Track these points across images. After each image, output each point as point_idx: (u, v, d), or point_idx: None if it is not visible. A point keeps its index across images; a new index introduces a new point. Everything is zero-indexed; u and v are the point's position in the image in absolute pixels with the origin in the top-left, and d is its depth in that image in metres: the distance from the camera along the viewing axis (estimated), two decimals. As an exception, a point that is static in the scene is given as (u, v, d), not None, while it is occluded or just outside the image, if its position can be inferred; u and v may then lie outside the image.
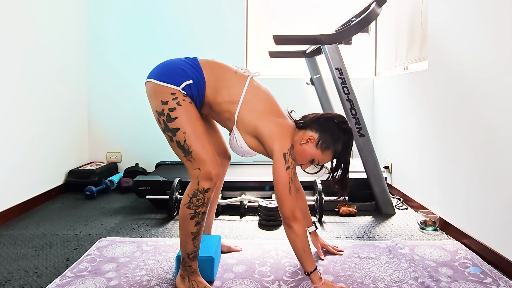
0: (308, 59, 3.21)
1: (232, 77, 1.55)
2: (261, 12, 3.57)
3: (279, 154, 1.44)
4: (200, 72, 1.51)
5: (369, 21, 2.32)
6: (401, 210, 2.58)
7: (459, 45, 2.02)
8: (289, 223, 1.44)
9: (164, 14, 3.45)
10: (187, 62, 1.54)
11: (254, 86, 1.56)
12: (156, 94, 1.49)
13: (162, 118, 1.47)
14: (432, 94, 2.32)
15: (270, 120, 1.49)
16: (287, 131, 1.49)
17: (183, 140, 1.45)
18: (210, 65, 1.55)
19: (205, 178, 1.44)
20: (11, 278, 1.64)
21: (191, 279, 1.51)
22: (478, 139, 1.87)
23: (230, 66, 1.60)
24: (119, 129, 3.51)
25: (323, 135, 1.50)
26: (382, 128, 3.25)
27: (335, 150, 1.51)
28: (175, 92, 1.47)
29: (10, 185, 2.43)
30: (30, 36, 2.62)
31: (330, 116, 1.56)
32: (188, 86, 1.48)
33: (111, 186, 3.08)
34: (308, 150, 1.51)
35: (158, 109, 1.48)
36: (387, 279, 1.61)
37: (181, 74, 1.49)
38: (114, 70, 3.48)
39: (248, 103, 1.50)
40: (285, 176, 1.43)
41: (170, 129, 1.46)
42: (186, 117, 1.45)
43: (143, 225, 2.29)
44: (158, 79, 1.50)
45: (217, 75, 1.53)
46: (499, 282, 1.58)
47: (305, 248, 1.45)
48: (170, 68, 1.52)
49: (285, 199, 1.43)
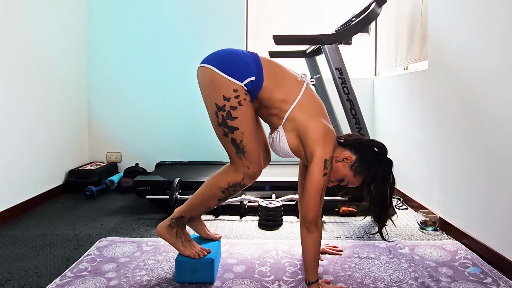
0: (308, 59, 3.21)
1: (290, 79, 1.55)
2: (261, 12, 3.57)
3: (320, 159, 1.41)
4: (260, 70, 1.50)
5: (369, 21, 2.32)
6: (401, 210, 2.58)
7: (459, 45, 2.02)
8: (310, 227, 1.42)
9: (164, 14, 3.45)
10: (250, 56, 1.52)
11: (310, 92, 1.56)
12: (217, 86, 1.45)
13: (221, 113, 1.46)
14: (432, 94, 2.32)
15: (321, 123, 1.48)
16: (332, 140, 1.48)
17: (240, 140, 1.47)
18: (270, 64, 1.55)
19: (251, 177, 1.51)
20: (11, 278, 1.64)
21: (179, 231, 1.61)
22: (478, 139, 1.87)
23: (288, 69, 1.60)
24: (119, 129, 3.51)
25: (360, 158, 1.49)
26: (382, 128, 3.25)
27: (366, 177, 1.50)
28: (238, 89, 1.45)
29: (10, 185, 2.43)
30: (30, 36, 2.62)
31: (372, 143, 1.55)
32: (250, 82, 1.46)
33: (111, 186, 3.08)
34: (341, 169, 1.50)
35: (218, 103, 1.45)
36: (387, 279, 1.61)
37: (245, 68, 1.46)
38: (114, 70, 3.48)
39: (302, 105, 1.50)
40: (321, 181, 1.41)
41: (229, 126, 1.47)
42: (246, 117, 1.47)
43: (143, 225, 2.29)
44: (220, 69, 1.45)
45: (276, 75, 1.53)
46: (499, 282, 1.58)
47: (316, 257, 1.44)
48: (234, 59, 1.48)
49: (314, 203, 1.40)
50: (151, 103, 3.50)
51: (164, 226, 1.63)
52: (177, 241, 1.61)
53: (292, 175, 2.77)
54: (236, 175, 1.51)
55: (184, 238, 1.61)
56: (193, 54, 3.47)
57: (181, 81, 3.48)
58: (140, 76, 3.48)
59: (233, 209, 2.55)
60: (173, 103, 3.50)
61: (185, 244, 1.61)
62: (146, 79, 3.49)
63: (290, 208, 2.50)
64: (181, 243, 1.61)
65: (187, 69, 3.47)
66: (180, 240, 1.61)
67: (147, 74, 3.49)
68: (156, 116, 3.50)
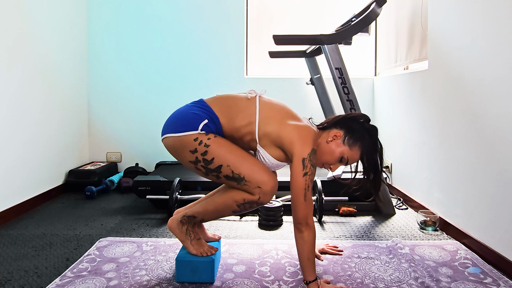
0: (308, 59, 3.21)
1: (241, 102, 1.57)
2: (261, 12, 3.57)
3: (298, 160, 1.43)
4: (209, 109, 1.54)
5: (369, 21, 2.32)
6: (401, 210, 2.58)
7: (459, 45, 2.02)
8: (300, 227, 1.45)
9: (164, 15, 3.45)
10: (195, 105, 1.56)
11: (265, 101, 1.58)
12: (180, 146, 1.50)
13: (199, 165, 1.50)
14: (432, 94, 2.32)
15: (289, 125, 1.50)
16: (308, 134, 1.49)
17: (231, 172, 1.48)
18: (216, 100, 1.58)
19: (267, 194, 1.49)
20: (11, 278, 1.64)
21: (189, 229, 1.62)
22: (478, 139, 1.87)
23: (236, 94, 1.63)
24: (119, 129, 3.51)
25: (348, 131, 1.51)
26: (382, 128, 3.25)
27: (363, 145, 1.51)
28: (197, 137, 1.48)
29: (10, 185, 2.43)
30: (30, 37, 2.62)
31: (353, 115, 1.58)
32: (205, 125, 1.50)
33: (111, 186, 3.08)
34: (335, 147, 1.51)
35: (191, 159, 1.50)
36: (387, 279, 1.61)
37: (194, 117, 1.51)
38: (114, 71, 3.48)
39: (265, 118, 1.52)
40: (302, 182, 1.42)
41: (213, 169, 1.49)
42: (222, 150, 1.48)
43: (143, 225, 2.29)
44: (175, 131, 1.51)
45: (227, 106, 1.56)
46: (499, 282, 1.58)
47: (309, 256, 1.45)
48: (181, 117, 1.53)
49: (299, 204, 1.43)
50: (151, 103, 3.50)
51: (175, 221, 1.64)
52: (187, 239, 1.62)
53: (292, 175, 2.77)
54: (251, 195, 1.50)
55: (193, 237, 1.62)
56: (193, 54, 3.47)
57: (181, 81, 3.48)
58: (140, 76, 3.48)
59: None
60: (173, 103, 3.48)
61: (194, 243, 1.62)
62: (146, 79, 3.49)
63: (290, 208, 2.49)
64: (190, 241, 1.62)
65: (187, 69, 3.47)
66: (190, 238, 1.62)
67: (147, 74, 3.49)
68: (156, 116, 3.50)
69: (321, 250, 1.86)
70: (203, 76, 3.48)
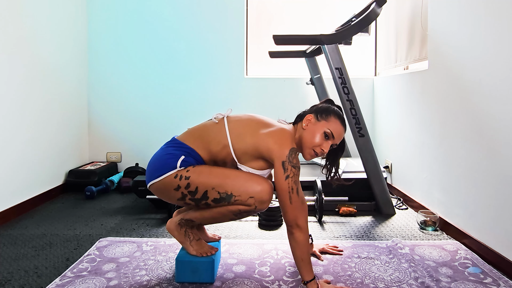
0: (308, 59, 3.21)
1: (211, 128, 1.59)
2: (261, 12, 3.57)
3: (278, 164, 1.45)
4: (183, 145, 1.56)
5: (369, 21, 2.32)
6: (401, 210, 2.58)
7: (459, 45, 2.02)
8: (291, 230, 1.46)
9: (164, 15, 3.45)
10: (168, 146, 1.58)
11: (233, 120, 1.60)
12: (164, 189, 1.52)
13: (187, 199, 1.51)
14: (432, 94, 2.32)
15: (262, 134, 1.52)
16: (282, 136, 1.50)
17: (217, 193, 1.48)
18: (188, 134, 1.61)
19: (262, 202, 1.48)
20: (11, 278, 1.64)
21: (188, 230, 1.62)
22: (478, 139, 1.87)
23: (204, 122, 1.66)
24: (119, 129, 3.51)
25: (317, 109, 1.58)
26: (382, 128, 3.25)
27: (336, 114, 1.56)
28: (176, 174, 1.50)
29: (10, 185, 2.43)
30: (30, 37, 2.62)
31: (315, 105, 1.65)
32: (183, 161, 1.51)
33: (111, 186, 3.08)
34: (314, 127, 1.54)
35: (178, 196, 1.51)
36: (387, 279, 1.61)
37: (170, 158, 1.53)
38: (114, 71, 3.48)
39: (237, 136, 1.54)
40: (285, 185, 1.43)
41: (201, 198, 1.50)
42: (202, 177, 1.49)
43: (143, 225, 2.29)
44: (156, 176, 1.52)
45: (199, 137, 1.58)
46: (499, 282, 1.58)
47: (303, 257, 1.45)
48: (158, 161, 1.54)
49: (286, 208, 1.45)
50: (151, 103, 3.50)
51: (174, 224, 1.65)
52: (186, 240, 1.62)
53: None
54: (247, 206, 1.49)
55: (192, 238, 1.63)
56: (193, 54, 3.47)
57: (181, 81, 3.48)
58: (140, 76, 3.48)
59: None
60: (173, 103, 3.50)
61: (193, 244, 1.62)
62: (146, 79, 3.49)
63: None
64: (190, 242, 1.62)
65: (187, 69, 3.47)
66: (189, 239, 1.62)
67: (147, 75, 3.49)
68: (156, 116, 3.50)
69: (321, 250, 1.86)
70: (203, 76, 3.48)
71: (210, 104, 3.48)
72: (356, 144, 2.43)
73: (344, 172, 2.66)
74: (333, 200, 2.50)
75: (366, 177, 2.49)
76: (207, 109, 3.48)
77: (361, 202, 2.54)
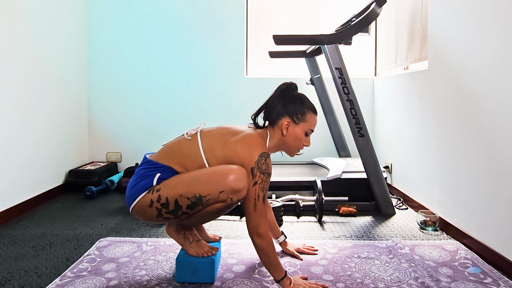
0: (308, 59, 3.22)
1: (185, 145, 1.55)
2: (261, 12, 3.57)
3: (248, 170, 1.45)
4: (157, 164, 1.51)
5: (369, 21, 2.33)
6: (401, 210, 2.58)
7: (459, 45, 2.02)
8: (253, 238, 1.46)
9: (164, 14, 3.45)
10: (142, 168, 1.54)
11: (206, 135, 1.56)
12: (141, 209, 1.48)
13: (164, 213, 1.46)
14: (432, 94, 2.32)
15: (231, 142, 1.50)
16: (251, 142, 1.49)
17: (187, 199, 1.44)
18: (162, 153, 1.56)
19: (234, 192, 1.43)
20: (11, 278, 1.64)
21: (187, 233, 1.62)
22: (478, 139, 1.87)
23: (177, 138, 1.61)
24: (119, 129, 3.51)
25: (290, 112, 1.55)
26: (382, 128, 3.25)
27: (307, 107, 1.56)
28: (149, 190, 1.47)
29: (10, 185, 2.43)
30: (30, 37, 2.62)
31: (276, 95, 1.60)
32: (159, 178, 1.48)
33: (111, 186, 3.08)
34: (294, 131, 1.54)
35: (154, 213, 1.47)
36: (387, 279, 1.61)
37: (144, 179, 1.49)
38: (114, 70, 3.48)
39: (210, 151, 1.51)
40: (251, 192, 1.44)
41: (175, 209, 1.45)
42: (170, 187, 1.45)
43: (143, 225, 2.29)
44: (133, 199, 1.49)
45: (173, 155, 1.54)
46: (499, 282, 1.58)
47: (269, 261, 1.46)
48: (134, 186, 1.50)
49: (250, 214, 1.45)
50: (151, 103, 3.50)
51: (172, 229, 1.65)
52: (185, 242, 1.62)
53: (292, 175, 2.77)
54: (222, 202, 1.46)
55: (192, 239, 1.63)
56: (193, 54, 3.47)
57: (181, 81, 3.48)
58: (140, 76, 3.49)
59: (233, 209, 2.54)
60: (173, 103, 3.50)
61: (193, 245, 1.62)
62: (146, 79, 3.49)
63: (290, 208, 2.50)
64: (189, 244, 1.62)
65: (187, 69, 3.47)
66: (188, 241, 1.62)
67: (147, 74, 3.49)
68: (156, 116, 3.50)
69: (298, 250, 1.87)
70: (203, 76, 3.48)
71: (210, 104, 3.48)
72: (356, 144, 2.43)
73: (344, 172, 2.66)
74: (333, 200, 2.50)
75: (366, 177, 2.49)
76: (207, 109, 3.48)
77: (361, 202, 2.54)
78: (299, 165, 3.17)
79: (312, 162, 3.25)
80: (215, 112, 3.48)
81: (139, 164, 1.59)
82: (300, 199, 2.48)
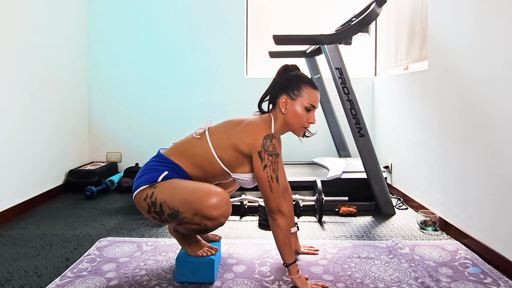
0: (308, 59, 3.22)
1: (194, 143, 1.57)
2: (261, 12, 3.57)
3: (255, 155, 1.46)
4: (168, 161, 1.54)
5: (369, 21, 2.32)
6: (401, 210, 2.58)
7: (459, 45, 2.02)
8: (273, 216, 1.48)
9: (164, 15, 3.45)
10: (153, 159, 1.57)
11: (213, 131, 1.58)
12: (139, 200, 1.51)
13: (152, 211, 1.49)
14: (432, 94, 2.32)
15: (235, 131, 1.52)
16: (255, 127, 1.51)
17: (168, 208, 1.45)
18: (173, 150, 1.59)
19: (208, 219, 1.43)
20: (11, 278, 1.64)
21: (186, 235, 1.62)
22: (478, 138, 1.87)
23: (187, 137, 1.63)
24: (119, 129, 3.52)
25: (286, 89, 1.54)
26: (382, 128, 3.25)
27: (305, 82, 1.54)
28: (151, 185, 1.51)
29: (10, 185, 2.43)
30: (30, 37, 2.62)
31: (275, 78, 1.60)
32: (165, 177, 1.51)
33: (111, 186, 3.08)
34: (293, 108, 1.53)
35: (146, 208, 1.50)
36: (387, 279, 1.61)
37: (153, 172, 1.52)
38: (114, 70, 3.49)
39: (219, 146, 1.53)
40: (263, 175, 1.45)
41: (160, 212, 1.47)
42: (163, 188, 1.47)
43: (143, 225, 2.29)
44: (137, 188, 1.53)
45: (184, 153, 1.57)
46: (499, 282, 1.58)
47: (285, 241, 1.49)
48: (142, 173, 1.54)
49: (267, 196, 1.47)
50: (151, 103, 3.50)
51: (172, 229, 1.70)
52: (184, 243, 1.64)
53: (292, 175, 2.77)
54: (196, 226, 1.46)
55: (191, 240, 1.64)
56: (193, 54, 3.47)
57: (181, 81, 3.48)
58: (140, 76, 3.49)
59: (233, 209, 2.55)
60: (173, 103, 3.50)
61: (192, 246, 1.63)
62: (146, 79, 3.49)
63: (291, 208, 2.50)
64: (188, 245, 1.63)
65: (187, 69, 3.47)
66: (187, 242, 1.63)
67: (147, 75, 3.49)
68: (156, 116, 3.50)
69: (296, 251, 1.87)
70: (203, 76, 3.48)
71: (210, 104, 3.48)
72: (356, 144, 2.43)
73: (344, 172, 2.66)
74: (333, 200, 2.50)
75: (366, 177, 2.49)
76: (207, 109, 3.48)
77: (361, 202, 2.54)
78: (299, 165, 3.17)
79: (312, 162, 3.25)
80: (215, 112, 3.47)
81: (153, 156, 1.62)
82: (300, 199, 2.48)
